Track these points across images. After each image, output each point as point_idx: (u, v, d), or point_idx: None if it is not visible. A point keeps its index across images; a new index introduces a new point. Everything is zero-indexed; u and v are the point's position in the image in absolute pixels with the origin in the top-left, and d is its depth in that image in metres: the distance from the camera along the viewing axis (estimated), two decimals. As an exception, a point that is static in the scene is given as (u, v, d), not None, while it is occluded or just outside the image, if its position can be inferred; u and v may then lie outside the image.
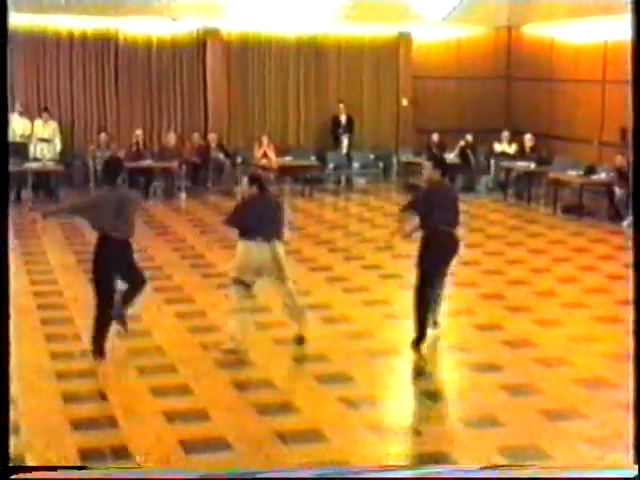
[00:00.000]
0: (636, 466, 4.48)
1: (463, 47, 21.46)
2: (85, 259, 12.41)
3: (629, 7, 4.65)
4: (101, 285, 8.47)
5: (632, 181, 4.83)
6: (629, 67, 4.64)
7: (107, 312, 8.48)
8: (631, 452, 4.63)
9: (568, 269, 12.50)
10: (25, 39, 18.86)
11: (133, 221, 8.60)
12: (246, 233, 8.65)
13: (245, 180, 8.94)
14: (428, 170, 9.06)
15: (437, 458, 6.49)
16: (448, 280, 11.69)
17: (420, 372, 8.61)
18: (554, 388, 7.91)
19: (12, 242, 13.47)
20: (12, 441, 6.51)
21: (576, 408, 7.42)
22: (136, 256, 8.85)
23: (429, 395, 7.96)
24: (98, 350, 8.47)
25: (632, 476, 4.48)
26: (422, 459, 6.54)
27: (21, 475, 4.42)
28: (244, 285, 8.75)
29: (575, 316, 10.20)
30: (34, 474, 4.72)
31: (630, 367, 4.75)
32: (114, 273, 8.49)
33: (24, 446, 6.52)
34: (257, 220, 8.66)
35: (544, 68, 20.28)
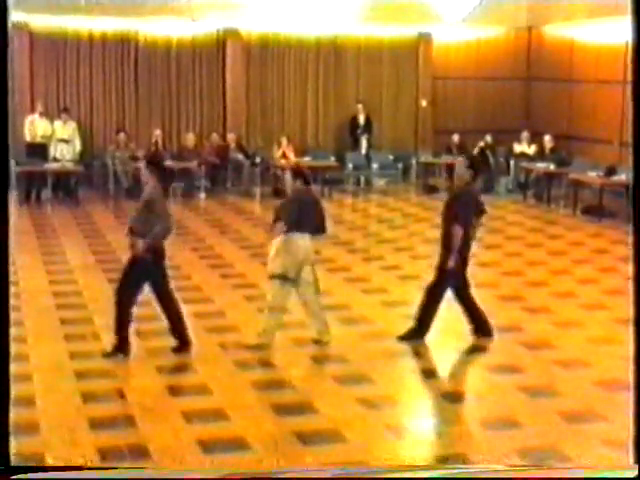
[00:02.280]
0: (636, 466, 4.47)
1: (483, 48, 21.40)
2: (104, 259, 12.52)
3: (629, 7, 4.63)
4: (137, 283, 8.53)
5: (633, 181, 4.81)
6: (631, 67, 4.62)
7: (129, 309, 8.51)
8: (631, 452, 4.62)
9: (588, 270, 12.45)
10: (45, 40, 18.98)
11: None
12: (296, 227, 8.64)
13: (288, 175, 8.93)
14: (461, 169, 8.95)
15: (456, 459, 6.47)
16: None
17: (439, 373, 8.59)
18: (573, 390, 7.87)
19: (32, 242, 13.65)
20: (31, 440, 6.57)
21: (595, 410, 7.39)
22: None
23: (448, 396, 7.94)
24: (124, 348, 8.53)
25: (632, 476, 4.46)
26: (441, 460, 6.53)
27: (22, 475, 4.41)
28: (289, 282, 8.75)
29: (595, 318, 10.16)
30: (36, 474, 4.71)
31: (631, 368, 4.74)
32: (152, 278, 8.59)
33: (43, 445, 6.54)
34: (307, 214, 8.73)
35: (564, 69, 20.21)
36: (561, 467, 6.21)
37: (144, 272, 8.50)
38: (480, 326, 9.13)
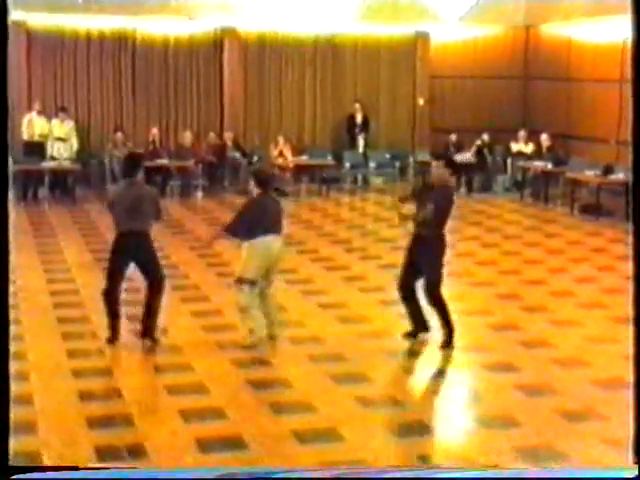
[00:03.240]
0: (636, 466, 4.47)
1: (480, 46, 21.40)
2: (102, 258, 12.49)
3: (629, 7, 4.63)
4: (109, 273, 8.84)
5: (632, 180, 4.81)
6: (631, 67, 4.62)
7: (110, 298, 8.79)
8: (631, 452, 4.62)
9: (585, 269, 12.46)
10: (43, 39, 19.00)
11: (151, 214, 8.78)
12: (261, 231, 8.66)
13: (252, 180, 8.97)
14: (439, 169, 8.89)
15: (454, 458, 6.47)
16: (464, 280, 11.76)
17: (436, 372, 8.58)
18: (571, 388, 7.87)
19: (29, 241, 13.65)
20: (29, 439, 6.56)
21: (593, 409, 7.39)
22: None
23: (445, 395, 7.95)
24: (111, 336, 8.80)
25: (632, 476, 4.47)
26: (439, 459, 6.52)
27: (20, 475, 4.40)
28: (255, 285, 8.77)
29: (592, 316, 10.15)
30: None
31: (631, 368, 4.74)
32: (127, 265, 8.79)
33: (41, 444, 6.54)
34: (269, 216, 8.75)
35: (561, 67, 20.21)
36: (560, 467, 6.22)
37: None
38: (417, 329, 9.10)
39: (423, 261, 8.79)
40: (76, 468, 5.34)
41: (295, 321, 9.67)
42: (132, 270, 8.96)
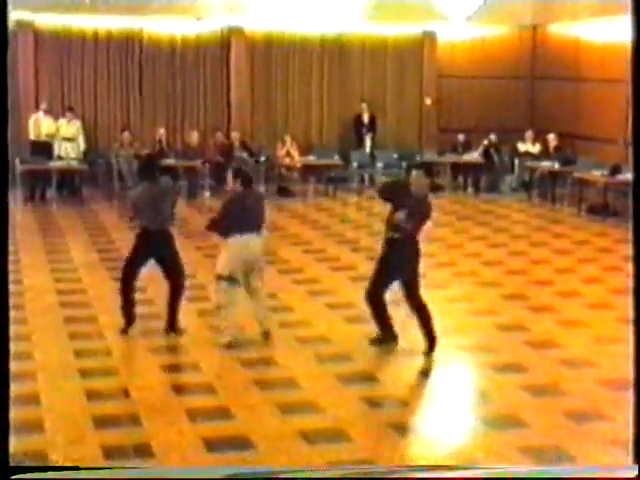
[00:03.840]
0: (636, 466, 4.46)
1: (487, 46, 21.37)
2: (109, 257, 12.53)
3: (629, 7, 4.64)
4: (127, 266, 9.10)
5: (633, 180, 4.81)
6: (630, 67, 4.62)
7: (125, 289, 9.09)
8: (631, 452, 4.61)
9: (593, 269, 12.44)
10: (50, 39, 19.01)
11: (170, 211, 9.12)
12: (239, 228, 8.68)
13: (229, 175, 9.04)
14: (420, 179, 8.78)
15: (460, 458, 6.46)
16: (471, 280, 11.75)
17: (443, 372, 8.57)
18: (578, 389, 7.86)
19: (37, 240, 13.67)
20: (36, 439, 6.57)
21: (600, 409, 7.37)
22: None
23: (452, 395, 7.94)
24: (127, 321, 9.07)
25: (632, 476, 4.46)
26: (445, 459, 6.52)
27: (21, 475, 4.41)
28: (234, 282, 8.78)
29: (600, 317, 10.13)
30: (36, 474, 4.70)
31: (631, 368, 4.73)
32: (147, 262, 9.07)
33: (47, 444, 6.54)
34: (247, 214, 8.78)
35: (569, 67, 20.17)
36: (561, 466, 6.21)
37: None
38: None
39: (396, 265, 8.73)
40: (77, 468, 5.35)
41: (302, 321, 9.67)
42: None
